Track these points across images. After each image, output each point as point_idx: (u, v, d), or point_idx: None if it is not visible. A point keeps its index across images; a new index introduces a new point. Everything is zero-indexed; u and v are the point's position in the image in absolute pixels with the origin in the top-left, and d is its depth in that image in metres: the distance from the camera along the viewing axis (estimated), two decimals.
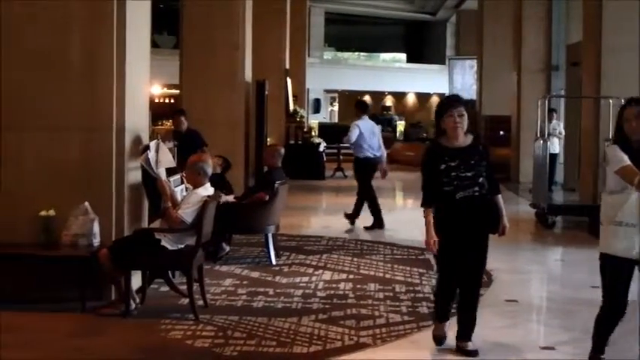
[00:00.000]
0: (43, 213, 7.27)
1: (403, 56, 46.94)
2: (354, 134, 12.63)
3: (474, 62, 29.12)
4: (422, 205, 5.93)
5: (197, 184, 7.35)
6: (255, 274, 8.88)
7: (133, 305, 7.07)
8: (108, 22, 7.47)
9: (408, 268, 9.35)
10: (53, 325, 6.72)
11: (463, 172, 5.79)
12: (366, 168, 12.77)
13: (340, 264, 9.60)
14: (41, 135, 7.58)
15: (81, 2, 7.52)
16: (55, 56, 7.56)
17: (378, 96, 44.79)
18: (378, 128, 12.99)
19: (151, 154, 7.48)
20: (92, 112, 7.50)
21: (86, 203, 7.26)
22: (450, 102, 6.04)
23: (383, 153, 12.89)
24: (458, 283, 6.05)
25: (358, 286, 8.43)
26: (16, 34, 7.58)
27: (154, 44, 25.71)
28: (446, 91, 37.07)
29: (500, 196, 6.03)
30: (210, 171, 7.50)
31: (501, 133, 23.54)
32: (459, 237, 5.88)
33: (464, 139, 5.90)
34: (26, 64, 7.57)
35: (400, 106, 44.84)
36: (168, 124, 20.12)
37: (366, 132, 12.67)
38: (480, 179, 5.83)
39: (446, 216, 5.85)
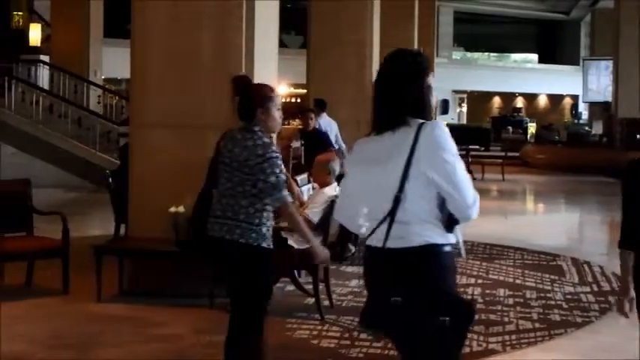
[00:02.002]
0: (172, 209, 7.35)
1: (535, 57, 46.14)
2: None
3: (610, 63, 28.26)
4: (619, 245, 4.08)
5: (324, 184, 7.31)
6: None
7: None
8: (237, 22, 7.53)
9: (539, 274, 9.07)
10: (183, 320, 6.79)
11: None
12: None
13: (469, 268, 9.39)
14: (172, 132, 7.70)
15: (212, 2, 7.60)
16: (187, 55, 7.68)
17: (509, 97, 44.18)
18: (335, 124, 13.12)
19: None
20: (220, 110, 7.53)
21: None
22: None
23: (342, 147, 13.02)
24: None
25: (487, 291, 8.23)
26: (152, 34, 7.76)
27: (282, 44, 25.93)
28: (579, 92, 36.17)
29: None
30: (338, 170, 7.44)
31: (638, 136, 22.80)
32: None
33: None
34: (160, 62, 7.72)
35: (531, 108, 44.03)
36: (294, 123, 20.22)
37: (326, 128, 13.04)
38: None
39: None
